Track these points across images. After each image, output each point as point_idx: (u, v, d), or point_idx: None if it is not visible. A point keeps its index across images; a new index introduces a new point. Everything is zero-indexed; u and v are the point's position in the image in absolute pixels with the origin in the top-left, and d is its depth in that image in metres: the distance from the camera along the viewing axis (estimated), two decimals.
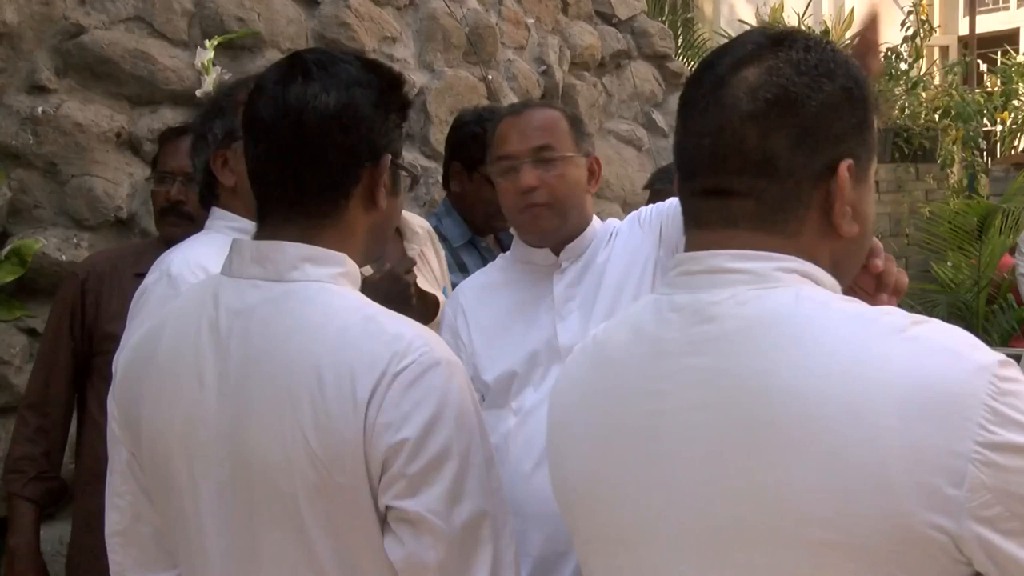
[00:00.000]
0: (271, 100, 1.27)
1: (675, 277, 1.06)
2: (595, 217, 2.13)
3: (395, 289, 2.07)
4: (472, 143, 2.77)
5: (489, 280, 2.16)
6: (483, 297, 2.12)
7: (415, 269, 2.35)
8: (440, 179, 4.01)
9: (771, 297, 0.98)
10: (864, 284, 1.23)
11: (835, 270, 1.04)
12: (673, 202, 2.05)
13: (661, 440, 1.00)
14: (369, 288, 2.06)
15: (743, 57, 1.03)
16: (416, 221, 2.62)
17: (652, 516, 1.00)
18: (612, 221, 2.16)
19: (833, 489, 0.89)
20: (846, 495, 0.88)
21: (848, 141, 1.03)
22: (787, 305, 0.97)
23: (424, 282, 2.40)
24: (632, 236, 2.06)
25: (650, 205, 2.13)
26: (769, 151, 1.00)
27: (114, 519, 1.40)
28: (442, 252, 2.68)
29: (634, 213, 2.14)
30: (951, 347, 0.91)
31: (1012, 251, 6.59)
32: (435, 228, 2.76)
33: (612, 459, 1.05)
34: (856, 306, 0.97)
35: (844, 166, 1.01)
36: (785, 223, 1.01)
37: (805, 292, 0.98)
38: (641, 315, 1.08)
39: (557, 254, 2.05)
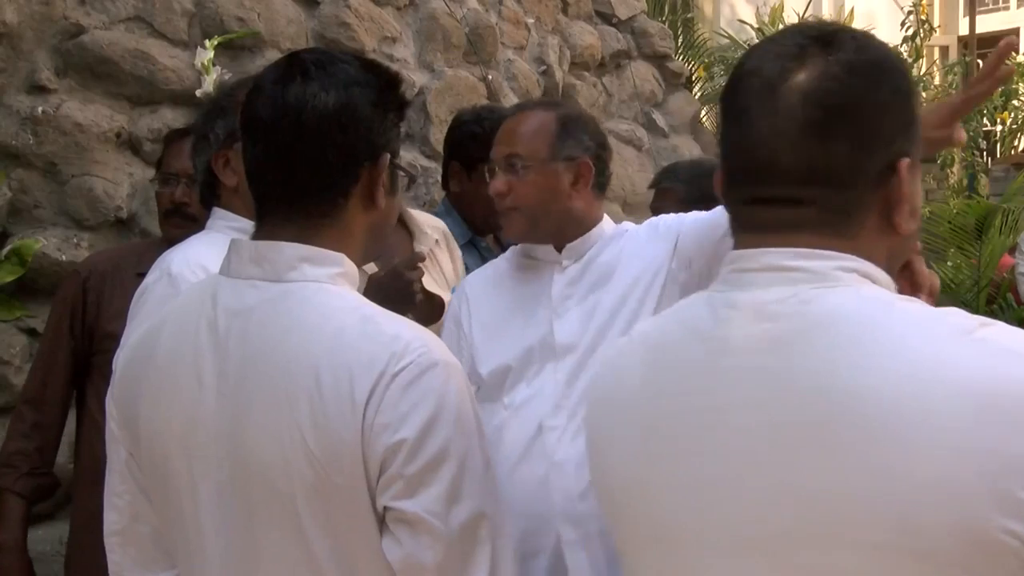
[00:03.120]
0: (270, 100, 1.27)
1: (729, 274, 1.04)
2: (606, 218, 2.13)
3: (396, 286, 2.07)
4: (471, 142, 2.77)
5: (496, 273, 2.18)
6: (488, 290, 2.14)
7: (422, 267, 2.35)
8: (440, 179, 4.01)
9: (833, 296, 0.96)
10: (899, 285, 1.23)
11: (887, 266, 1.03)
12: (692, 217, 2.07)
13: (718, 440, 0.98)
14: (372, 285, 2.06)
15: (791, 60, 1.00)
16: (429, 221, 2.61)
17: (707, 516, 0.99)
18: (626, 224, 2.17)
19: (898, 492, 0.87)
20: (912, 498, 0.87)
21: (901, 139, 1.01)
22: (850, 305, 0.95)
23: (432, 283, 2.39)
24: (649, 244, 2.06)
25: (669, 215, 2.13)
26: (830, 160, 0.98)
27: (112, 519, 1.40)
28: (458, 253, 2.66)
29: (652, 220, 2.15)
30: (1019, 350, 0.90)
31: (1012, 251, 6.59)
32: None
33: (664, 458, 1.02)
34: (919, 306, 0.96)
35: (903, 165, 1.00)
36: (846, 227, 1.00)
37: (866, 292, 0.97)
38: (694, 312, 1.06)
39: (560, 251, 2.07)
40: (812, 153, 0.98)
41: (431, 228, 2.59)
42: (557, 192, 2.04)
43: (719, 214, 1.99)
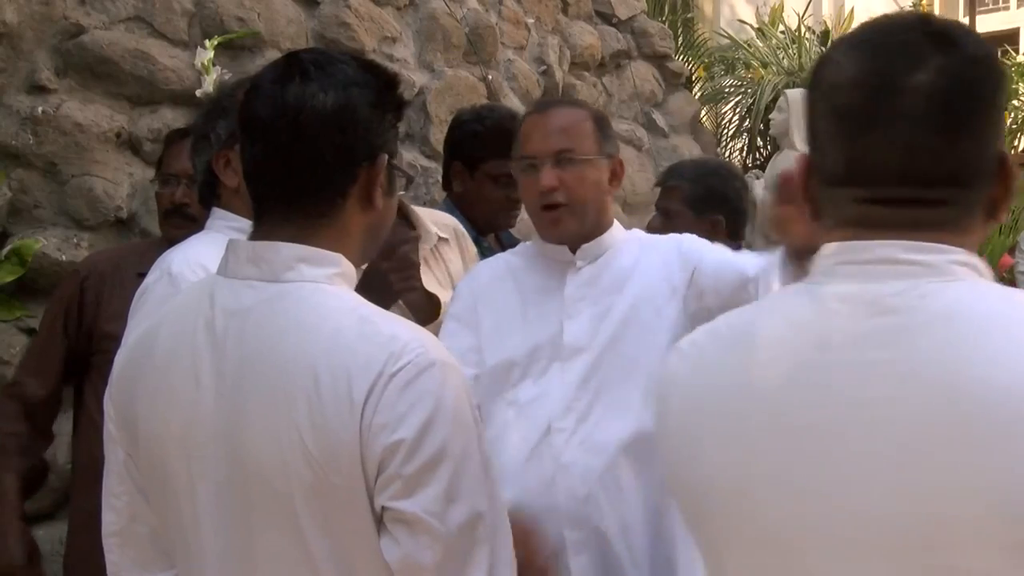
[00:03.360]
0: (268, 100, 1.27)
1: (835, 267, 1.01)
2: (616, 222, 2.13)
3: (374, 279, 2.05)
4: (472, 141, 2.75)
5: (507, 267, 2.16)
6: (498, 283, 2.12)
7: (425, 267, 2.33)
8: (440, 179, 4.01)
9: (951, 290, 0.95)
10: None
11: None
12: (716, 254, 2.07)
13: (835, 437, 0.94)
14: (361, 280, 2.04)
15: (910, 58, 0.98)
16: (440, 219, 2.58)
17: (825, 517, 0.94)
18: (636, 231, 2.18)
19: None
20: None
21: (1002, 132, 1.02)
22: (969, 299, 0.94)
23: (433, 281, 2.39)
24: (669, 263, 2.07)
25: (694, 239, 2.13)
26: (959, 160, 0.97)
27: (110, 520, 1.40)
28: (473, 251, 2.63)
29: (676, 237, 2.15)
30: None
31: (1012, 251, 6.59)
32: None
33: (773, 457, 0.98)
34: None
35: (1009, 159, 1.00)
36: (958, 222, 0.99)
37: (982, 287, 0.96)
38: (794, 305, 1.02)
39: (574, 252, 2.06)
40: (942, 154, 0.97)
41: (441, 226, 2.56)
42: (601, 188, 2.04)
43: (744, 262, 2.00)
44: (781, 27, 9.45)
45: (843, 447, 0.94)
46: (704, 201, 2.70)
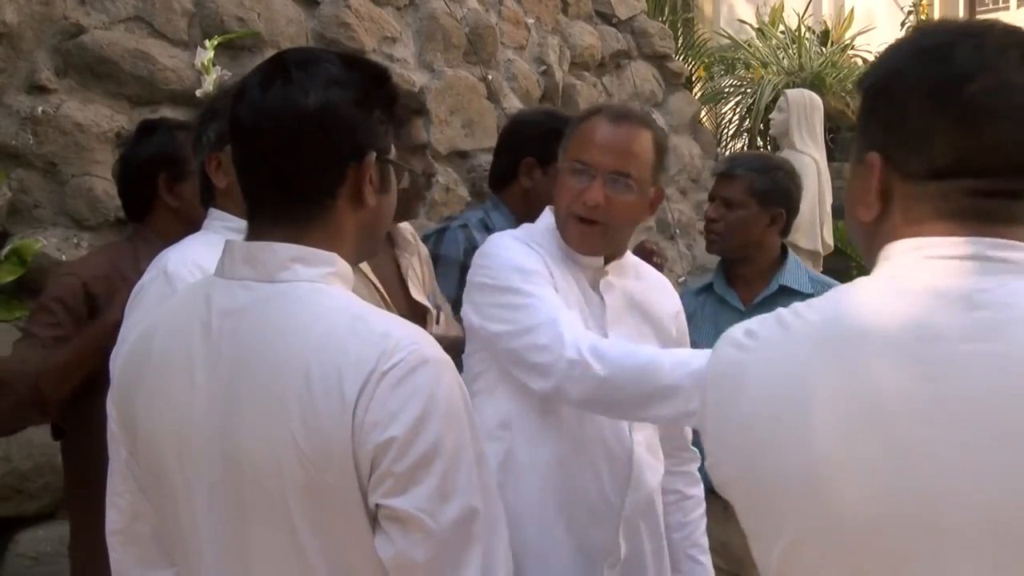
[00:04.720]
0: (251, 104, 1.27)
1: (922, 260, 1.03)
2: None
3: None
4: (548, 138, 2.60)
5: (543, 255, 2.03)
6: (550, 265, 2.03)
7: (409, 279, 2.34)
8: (439, 179, 4.01)
9: None
10: None
11: None
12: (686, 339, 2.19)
13: (945, 425, 0.95)
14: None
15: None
16: (408, 228, 2.58)
17: (928, 505, 0.95)
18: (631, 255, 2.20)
19: None
20: None
21: None
22: None
23: (415, 290, 2.39)
24: (673, 318, 2.16)
25: (685, 328, 2.21)
26: None
27: (114, 518, 1.41)
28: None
29: (677, 300, 2.21)
30: None
31: None
32: (481, 222, 2.73)
33: (880, 443, 0.97)
34: None
35: None
36: None
37: None
38: (880, 298, 1.03)
39: (606, 262, 2.05)
40: None
41: (411, 235, 2.56)
42: (638, 214, 2.03)
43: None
44: (781, 27, 9.45)
45: (954, 438, 0.95)
46: (769, 194, 2.73)
